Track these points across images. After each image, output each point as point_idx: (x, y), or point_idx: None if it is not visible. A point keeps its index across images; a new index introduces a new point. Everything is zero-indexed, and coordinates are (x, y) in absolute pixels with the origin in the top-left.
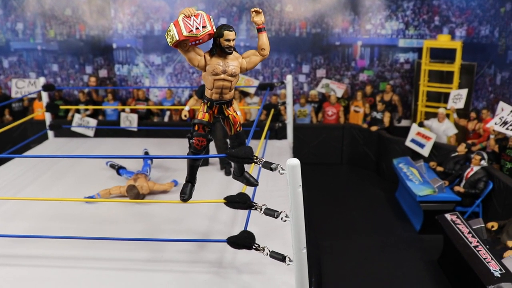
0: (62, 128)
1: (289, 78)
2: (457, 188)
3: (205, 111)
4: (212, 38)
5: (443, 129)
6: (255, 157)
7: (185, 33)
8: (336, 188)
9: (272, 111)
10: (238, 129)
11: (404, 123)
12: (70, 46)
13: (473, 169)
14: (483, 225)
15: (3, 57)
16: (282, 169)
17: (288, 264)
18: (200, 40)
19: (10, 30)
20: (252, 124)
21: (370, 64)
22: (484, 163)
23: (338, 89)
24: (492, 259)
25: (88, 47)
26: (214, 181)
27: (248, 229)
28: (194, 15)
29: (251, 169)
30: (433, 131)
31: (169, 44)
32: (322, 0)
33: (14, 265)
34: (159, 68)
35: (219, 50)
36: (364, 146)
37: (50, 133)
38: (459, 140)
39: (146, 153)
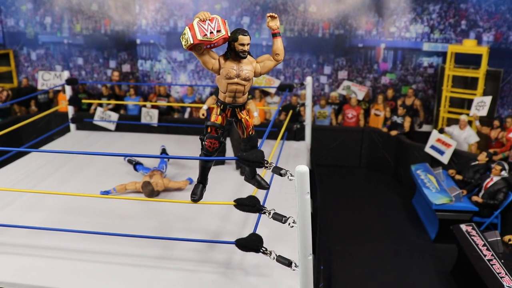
0: (84, 121)
1: (309, 80)
2: (475, 198)
3: (218, 113)
4: (227, 42)
5: (464, 137)
6: (265, 162)
7: (199, 37)
8: (352, 192)
9: (291, 112)
10: (250, 133)
11: (426, 128)
12: (95, 40)
13: (493, 179)
14: (499, 238)
15: (31, 50)
16: (291, 175)
17: (293, 270)
18: (215, 44)
19: (39, 23)
20: (269, 124)
21: (393, 67)
22: (504, 173)
23: (359, 92)
24: (506, 274)
25: (113, 42)
26: (229, 181)
27: (258, 231)
28: (209, 19)
29: (264, 172)
30: (454, 138)
31: (184, 47)
32: (346, 1)
33: (30, 255)
34: (181, 64)
35: (234, 54)
36: (383, 150)
37: (72, 126)
38: (481, 149)
39: (164, 149)
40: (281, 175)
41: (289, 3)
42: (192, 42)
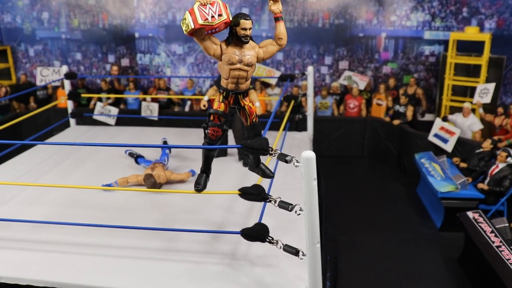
0: (84, 116)
1: (310, 70)
2: (481, 185)
3: (220, 101)
4: (228, 27)
5: (468, 124)
6: (270, 149)
7: (200, 21)
8: (356, 182)
9: (292, 102)
10: (254, 120)
11: (428, 117)
12: (93, 35)
13: (498, 166)
14: (507, 224)
15: (29, 46)
16: (297, 161)
17: (301, 258)
18: (216, 29)
19: (36, 19)
20: (271, 115)
21: (394, 56)
22: (510, 160)
23: (360, 82)
24: None
25: (111, 36)
26: (232, 172)
27: (263, 221)
28: (210, 3)
29: (268, 161)
30: (457, 126)
31: (185, 32)
32: None
33: (33, 249)
34: (181, 57)
35: (235, 39)
36: (386, 140)
37: (72, 121)
38: (485, 136)
39: (165, 142)
40: (286, 161)
41: None
42: (193, 26)
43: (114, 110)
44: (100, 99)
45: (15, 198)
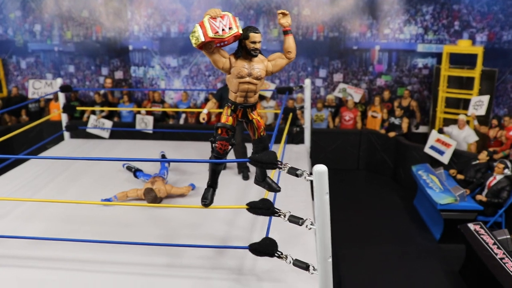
0: (78, 129)
1: (307, 82)
2: (479, 197)
3: (229, 114)
4: (238, 40)
5: (464, 136)
6: (279, 162)
7: (211, 34)
8: (352, 195)
9: (291, 115)
10: (262, 134)
11: (422, 129)
12: (87, 47)
13: (496, 178)
14: (508, 236)
15: (21, 58)
16: (308, 175)
17: (312, 273)
18: (226, 42)
19: (28, 31)
20: (268, 128)
21: (388, 69)
22: (507, 171)
23: (355, 94)
24: None
25: (105, 49)
26: (232, 186)
27: (268, 235)
28: (220, 16)
29: (272, 174)
30: (453, 138)
31: (194, 45)
32: (340, 4)
33: (29, 266)
34: (175, 70)
35: (245, 52)
36: (382, 152)
37: (66, 134)
38: (480, 148)
39: (163, 156)
40: (297, 175)
41: (282, 6)
42: (203, 40)
43: (108, 123)
44: (93, 112)
45: (11, 213)
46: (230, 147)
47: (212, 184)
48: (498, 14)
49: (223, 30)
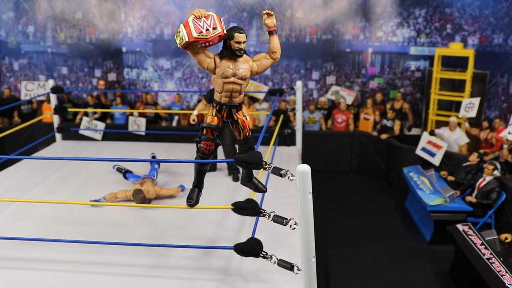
0: (70, 131)
1: (298, 84)
2: (469, 198)
3: (214, 114)
4: (223, 40)
5: (455, 138)
6: (264, 163)
7: (195, 34)
8: (344, 196)
9: (282, 117)
10: (247, 134)
11: (415, 131)
12: (80, 49)
13: (485, 179)
14: (496, 236)
15: (14, 60)
16: (292, 175)
17: (296, 273)
18: (210, 42)
19: (21, 32)
20: (261, 130)
21: (381, 71)
22: (497, 173)
23: (348, 96)
24: (506, 272)
25: (98, 51)
26: (222, 187)
27: (255, 236)
28: (205, 16)
29: (260, 175)
30: (444, 140)
31: (178, 45)
32: (333, 7)
33: (18, 268)
34: (168, 72)
35: (229, 52)
36: (374, 154)
37: (58, 136)
38: (471, 150)
39: (154, 157)
40: (281, 175)
41: (276, 9)
42: (187, 39)
43: (101, 125)
44: (86, 114)
45: (0, 214)
46: (215, 147)
47: (198, 184)
48: (489, 17)
49: (207, 30)
